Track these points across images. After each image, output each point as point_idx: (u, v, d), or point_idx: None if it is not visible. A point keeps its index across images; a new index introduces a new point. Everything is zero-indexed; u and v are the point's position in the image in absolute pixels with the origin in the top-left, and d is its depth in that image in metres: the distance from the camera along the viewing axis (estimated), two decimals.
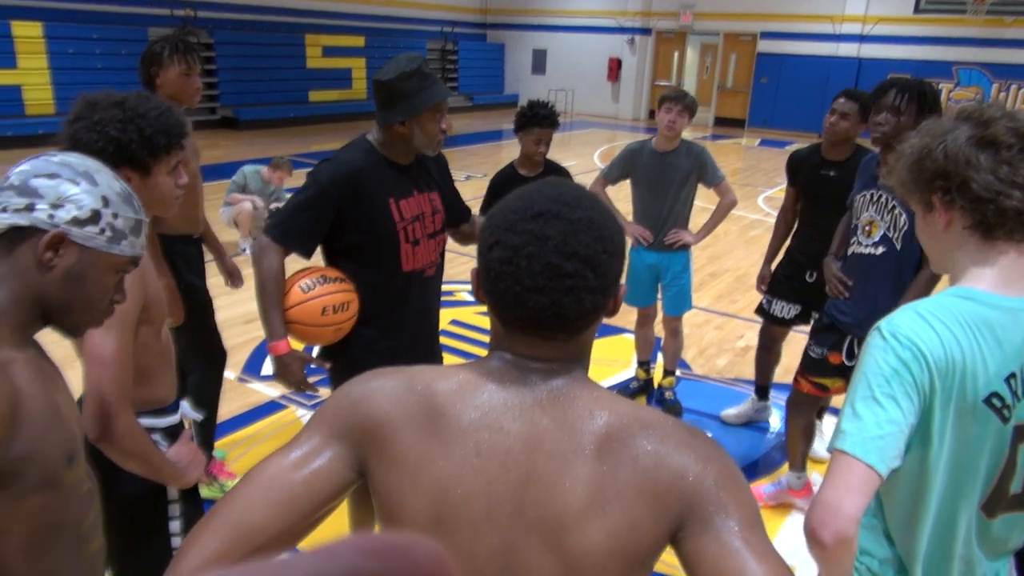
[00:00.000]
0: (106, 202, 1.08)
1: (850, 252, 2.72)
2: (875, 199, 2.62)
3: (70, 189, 1.05)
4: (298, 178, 7.21)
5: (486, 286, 0.90)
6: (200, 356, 2.93)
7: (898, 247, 2.56)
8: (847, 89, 3.33)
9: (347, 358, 2.25)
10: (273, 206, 6.61)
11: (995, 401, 1.17)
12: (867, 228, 2.64)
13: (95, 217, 1.07)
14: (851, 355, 2.70)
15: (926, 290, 2.48)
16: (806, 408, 3.02)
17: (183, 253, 2.81)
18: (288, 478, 0.88)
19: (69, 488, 1.12)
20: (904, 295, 2.48)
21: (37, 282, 1.06)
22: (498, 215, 0.90)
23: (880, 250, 2.60)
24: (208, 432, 3.02)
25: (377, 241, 2.17)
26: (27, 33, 10.88)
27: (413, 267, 2.24)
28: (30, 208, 1.03)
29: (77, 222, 1.06)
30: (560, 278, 0.84)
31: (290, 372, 2.17)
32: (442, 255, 2.39)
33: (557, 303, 0.85)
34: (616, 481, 0.84)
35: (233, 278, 3.21)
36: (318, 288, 2.11)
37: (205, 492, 3.18)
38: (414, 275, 2.26)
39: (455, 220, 2.44)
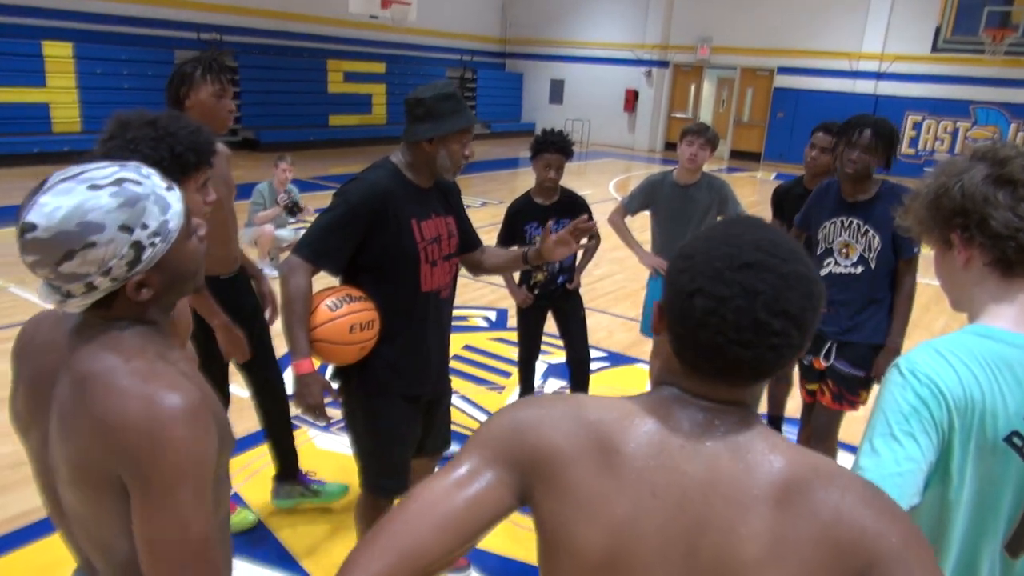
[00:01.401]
0: (129, 228, 1.01)
1: (827, 271, 3.00)
2: (847, 225, 2.93)
3: (98, 253, 1.00)
4: (314, 199, 7.26)
5: (680, 331, 0.87)
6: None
7: (873, 266, 2.90)
8: (824, 123, 3.56)
9: (364, 377, 2.27)
10: (289, 196, 6.62)
11: (1016, 440, 1.16)
12: (844, 250, 2.96)
13: (138, 247, 1.03)
14: (828, 357, 3.03)
15: (911, 298, 2.91)
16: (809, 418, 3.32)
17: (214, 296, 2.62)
18: (451, 501, 0.87)
19: (226, 475, 1.15)
20: (896, 304, 2.91)
21: (146, 305, 1.09)
22: (700, 260, 0.86)
23: (859, 269, 2.93)
24: None
25: (399, 260, 2.20)
26: (57, 53, 11.14)
27: (431, 287, 2.28)
28: (91, 287, 1.02)
29: (133, 263, 1.03)
30: (767, 335, 0.82)
31: (310, 393, 2.18)
32: (455, 279, 2.41)
33: (759, 358, 0.83)
34: (796, 533, 0.81)
35: (264, 301, 2.98)
36: (345, 307, 2.14)
37: None
38: (431, 295, 2.29)
39: (465, 248, 2.48)
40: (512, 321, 4.09)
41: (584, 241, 2.37)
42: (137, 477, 0.97)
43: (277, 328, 2.65)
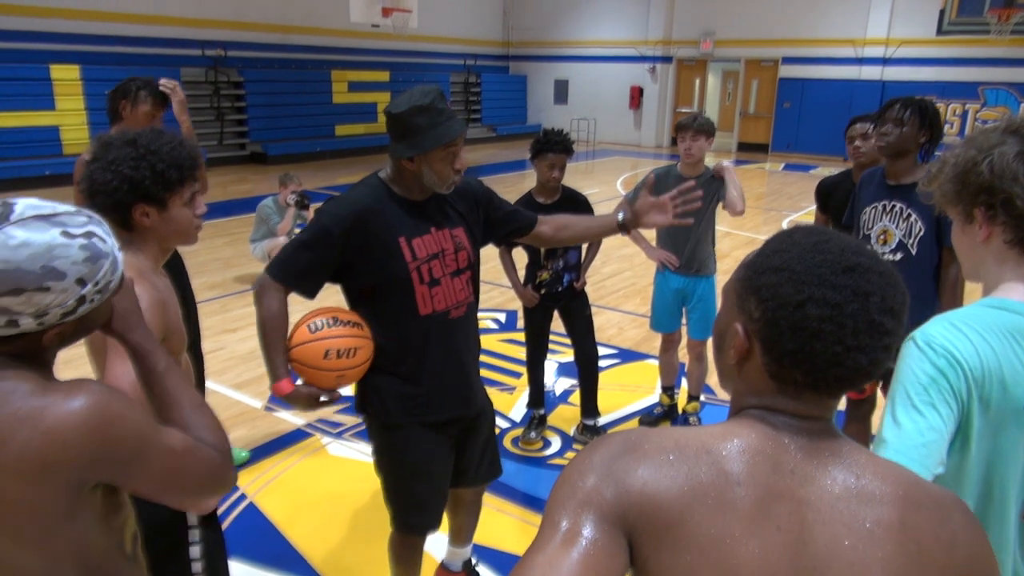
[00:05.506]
0: (84, 283, 1.03)
1: None
2: (888, 209, 2.79)
3: (46, 299, 1.00)
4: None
5: (788, 348, 0.82)
6: None
7: (913, 252, 2.73)
8: (855, 116, 3.36)
9: (378, 409, 2.19)
10: (295, 192, 6.55)
11: None
12: (882, 236, 2.81)
13: (81, 301, 1.04)
14: None
15: (957, 288, 2.66)
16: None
17: None
18: (564, 567, 0.76)
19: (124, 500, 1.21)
20: (941, 295, 2.69)
21: (48, 348, 1.08)
22: (800, 268, 0.82)
23: (898, 256, 2.76)
24: None
25: (388, 282, 2.06)
26: (65, 76, 11.29)
27: (433, 310, 2.11)
28: (13, 324, 0.99)
29: (68, 314, 1.04)
30: (880, 336, 0.81)
31: (300, 407, 2.09)
32: (476, 293, 2.25)
33: (874, 361, 0.82)
34: (921, 558, 0.80)
35: None
36: (326, 330, 2.01)
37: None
38: (434, 318, 2.12)
39: (522, 230, 2.36)
40: (522, 323, 4.10)
41: (680, 210, 2.27)
42: (122, 460, 1.02)
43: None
